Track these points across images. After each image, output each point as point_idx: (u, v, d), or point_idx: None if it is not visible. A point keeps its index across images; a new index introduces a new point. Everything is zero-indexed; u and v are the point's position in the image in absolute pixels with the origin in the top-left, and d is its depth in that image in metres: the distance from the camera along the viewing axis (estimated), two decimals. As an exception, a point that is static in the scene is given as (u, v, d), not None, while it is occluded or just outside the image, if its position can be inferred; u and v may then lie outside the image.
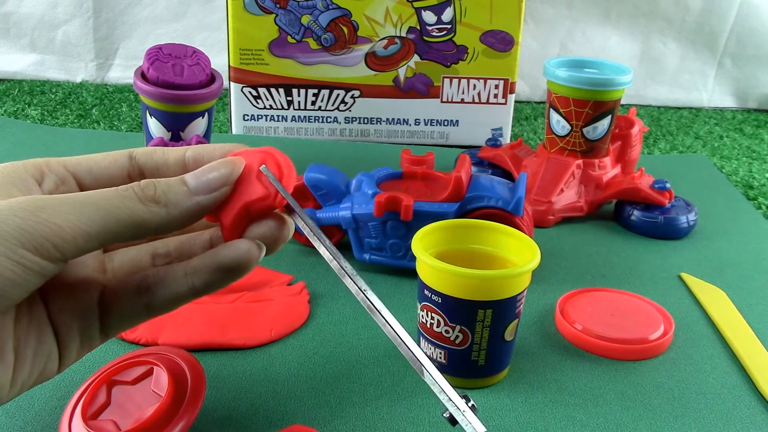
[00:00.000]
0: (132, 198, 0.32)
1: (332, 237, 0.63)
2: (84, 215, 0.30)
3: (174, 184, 0.33)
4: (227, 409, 0.44)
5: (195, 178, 0.34)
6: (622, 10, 1.18)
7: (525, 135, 1.03)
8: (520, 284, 0.45)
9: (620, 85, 0.71)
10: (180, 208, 0.33)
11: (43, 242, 0.29)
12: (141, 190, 0.32)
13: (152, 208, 0.32)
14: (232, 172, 0.34)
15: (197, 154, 0.36)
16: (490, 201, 0.58)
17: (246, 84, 0.91)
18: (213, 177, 0.34)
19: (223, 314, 0.52)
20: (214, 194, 0.34)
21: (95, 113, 1.02)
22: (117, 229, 0.31)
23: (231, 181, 0.34)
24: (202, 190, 0.34)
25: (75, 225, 0.29)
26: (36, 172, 0.34)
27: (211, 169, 0.34)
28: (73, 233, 0.29)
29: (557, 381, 0.48)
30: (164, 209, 0.32)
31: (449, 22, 0.90)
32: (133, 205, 0.31)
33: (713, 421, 0.45)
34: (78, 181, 0.35)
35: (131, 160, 0.36)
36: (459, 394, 0.31)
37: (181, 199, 0.33)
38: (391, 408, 0.45)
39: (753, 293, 0.61)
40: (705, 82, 1.21)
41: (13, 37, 1.15)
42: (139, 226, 0.32)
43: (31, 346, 0.32)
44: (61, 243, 0.29)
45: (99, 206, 0.30)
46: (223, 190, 0.34)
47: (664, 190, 0.71)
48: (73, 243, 0.29)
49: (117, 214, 0.31)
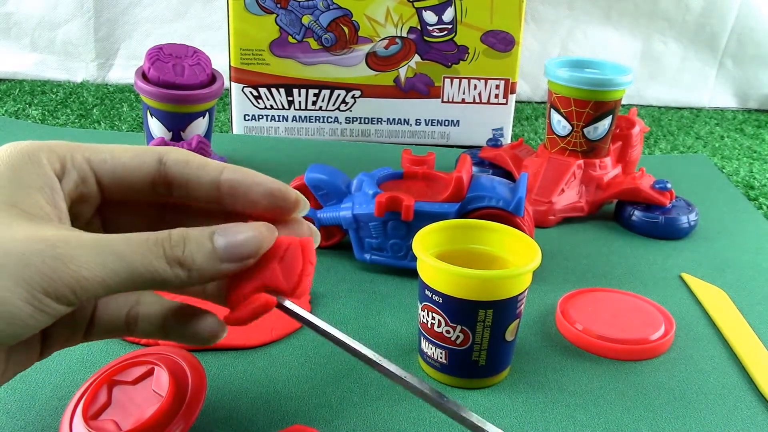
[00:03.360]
0: (159, 257, 0.30)
1: (333, 237, 0.63)
2: (108, 267, 0.29)
3: (203, 244, 0.31)
4: (228, 409, 0.44)
5: (224, 241, 0.32)
6: (623, 10, 1.18)
7: (526, 135, 1.03)
8: (520, 284, 0.45)
9: (621, 85, 0.71)
10: (202, 274, 0.32)
11: (65, 291, 0.28)
12: (170, 248, 0.31)
13: (176, 270, 0.31)
14: (262, 244, 0.33)
15: (235, 182, 0.34)
16: (490, 201, 0.58)
17: (247, 84, 0.91)
18: (243, 246, 0.32)
19: (223, 314, 0.52)
20: (239, 264, 0.32)
21: (96, 113, 1.02)
22: (136, 283, 0.30)
23: (260, 254, 0.33)
24: (229, 258, 0.32)
25: (99, 277, 0.29)
26: (58, 164, 0.33)
27: (242, 233, 0.32)
28: (94, 284, 0.29)
29: (558, 381, 0.48)
30: (187, 273, 0.31)
31: (450, 22, 0.90)
32: (158, 264, 0.30)
33: (714, 421, 0.45)
34: (98, 180, 0.34)
35: (160, 166, 0.34)
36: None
37: (206, 264, 0.31)
38: (392, 408, 0.45)
39: (754, 293, 0.61)
40: (706, 82, 1.21)
41: (14, 37, 1.15)
42: (158, 284, 0.31)
43: (19, 349, 0.33)
44: (81, 291, 0.29)
45: (125, 260, 0.30)
46: (249, 261, 0.33)
47: (665, 191, 0.71)
48: (93, 292, 0.29)
49: (140, 270, 0.30)
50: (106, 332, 0.37)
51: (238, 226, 0.33)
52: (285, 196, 0.35)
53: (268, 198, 0.34)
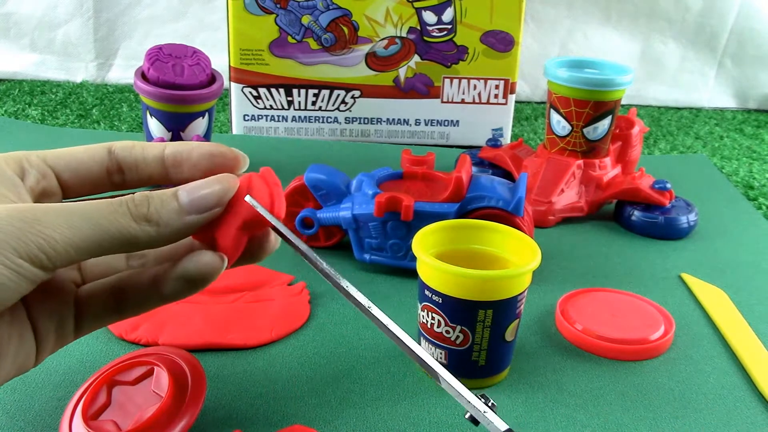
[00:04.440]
0: (125, 214, 0.32)
1: (333, 237, 0.63)
2: (77, 228, 0.30)
3: (167, 201, 0.33)
4: (227, 409, 0.44)
5: (188, 195, 0.33)
6: (623, 11, 1.18)
7: (525, 135, 1.03)
8: (520, 284, 0.45)
9: (620, 85, 0.71)
10: (171, 228, 0.33)
11: (37, 252, 0.29)
12: (135, 207, 0.32)
13: (144, 226, 0.32)
14: (226, 192, 0.34)
15: (176, 153, 0.36)
16: (490, 201, 0.58)
17: (246, 84, 0.91)
18: (206, 196, 0.34)
19: (223, 314, 0.52)
20: (205, 215, 0.34)
21: (95, 113, 1.02)
22: (107, 243, 0.31)
23: (224, 201, 0.34)
24: (194, 209, 0.33)
25: (68, 238, 0.30)
26: (17, 167, 0.35)
27: (205, 186, 0.34)
28: (65, 245, 0.30)
29: (557, 381, 0.48)
30: (155, 228, 0.32)
31: (449, 22, 0.90)
32: (125, 222, 0.32)
33: (713, 421, 0.45)
34: (57, 176, 0.36)
35: (110, 155, 0.36)
36: (477, 395, 0.32)
37: (172, 218, 0.33)
38: (392, 408, 0.45)
39: (753, 293, 0.61)
40: (705, 82, 1.21)
41: (14, 37, 1.15)
42: (129, 243, 0.32)
43: (13, 344, 0.33)
44: (53, 254, 0.30)
45: (92, 220, 0.31)
46: (215, 210, 0.34)
47: (665, 191, 0.71)
48: (65, 254, 0.30)
49: (109, 229, 0.31)
50: (96, 317, 0.37)
51: (199, 182, 0.34)
52: (223, 152, 0.36)
53: (207, 158, 0.36)
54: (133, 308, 0.37)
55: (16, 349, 0.33)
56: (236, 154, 0.37)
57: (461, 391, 0.32)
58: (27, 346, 0.34)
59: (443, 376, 0.33)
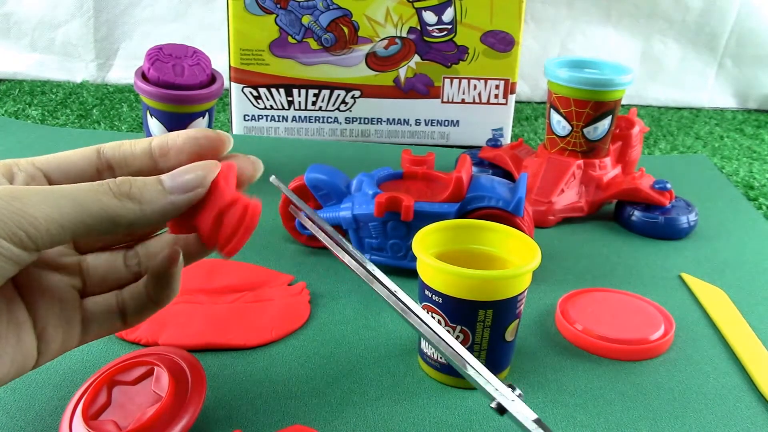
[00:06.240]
0: (107, 192, 0.32)
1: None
2: (58, 206, 0.30)
3: (150, 183, 0.33)
4: (227, 409, 0.44)
5: (171, 178, 0.34)
6: (623, 10, 1.18)
7: (525, 135, 1.03)
8: (520, 284, 0.45)
9: (621, 85, 0.71)
10: (154, 206, 0.33)
11: (16, 231, 0.29)
12: (116, 186, 0.32)
13: (126, 203, 0.32)
14: (207, 174, 0.35)
15: (162, 143, 0.37)
16: (490, 201, 0.58)
17: (246, 84, 0.91)
18: (189, 178, 0.34)
19: (223, 314, 0.52)
20: (189, 195, 0.34)
21: (96, 113, 1.02)
22: (90, 221, 0.31)
23: (207, 183, 0.34)
24: (177, 189, 0.34)
25: (48, 216, 0.30)
26: (6, 171, 0.35)
27: (188, 170, 0.34)
28: (46, 224, 0.30)
29: (557, 381, 0.48)
30: (138, 206, 0.32)
31: (450, 22, 0.90)
32: (107, 200, 0.32)
33: (713, 421, 0.45)
34: (47, 177, 0.36)
35: (99, 155, 0.37)
36: (505, 383, 0.32)
37: (155, 197, 0.33)
38: (392, 408, 0.45)
39: (753, 293, 0.61)
40: (705, 82, 1.21)
41: (14, 38, 1.15)
42: (112, 221, 0.32)
43: (11, 344, 0.33)
44: (34, 232, 0.30)
45: (73, 198, 0.31)
46: (198, 191, 0.34)
47: (665, 191, 0.71)
48: (46, 233, 0.30)
49: (91, 207, 0.31)
50: (100, 325, 0.38)
51: (181, 168, 0.35)
52: (206, 134, 0.37)
53: (191, 142, 0.36)
54: (136, 319, 0.38)
55: (13, 350, 0.33)
56: (220, 135, 0.37)
57: (489, 379, 0.32)
58: (25, 348, 0.34)
59: (471, 363, 0.32)
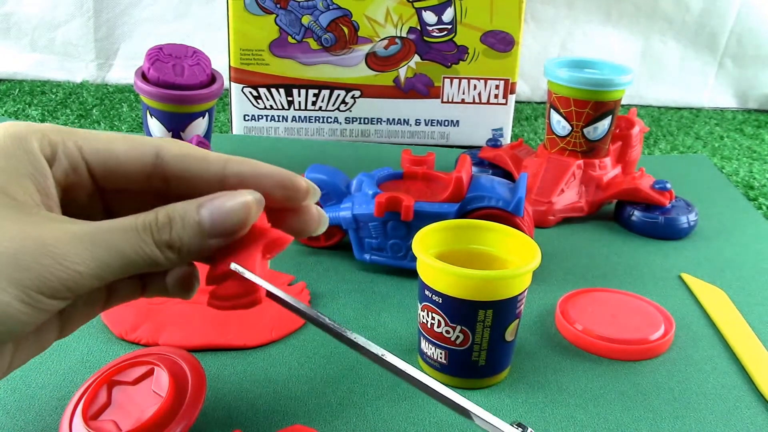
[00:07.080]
0: (148, 243, 0.31)
1: (333, 237, 0.63)
2: (101, 260, 0.30)
3: (189, 225, 0.31)
4: (227, 409, 0.44)
5: (211, 220, 0.32)
6: (623, 10, 1.18)
7: (525, 135, 1.03)
8: (520, 284, 0.45)
9: (620, 85, 0.71)
10: (191, 250, 0.32)
11: (60, 287, 0.29)
12: (158, 233, 0.31)
13: (167, 253, 0.31)
14: (249, 217, 0.32)
15: (240, 175, 0.34)
16: (490, 201, 0.58)
17: (246, 84, 0.91)
18: (232, 223, 0.32)
19: (223, 314, 0.52)
20: (226, 239, 0.32)
21: (96, 113, 1.02)
22: (129, 271, 0.31)
23: (248, 226, 0.33)
24: (217, 233, 0.32)
25: (92, 270, 0.29)
26: (49, 149, 0.32)
27: (231, 212, 0.32)
28: (88, 277, 0.29)
29: (557, 381, 0.48)
30: (177, 255, 0.32)
31: (450, 22, 0.90)
32: (148, 250, 0.31)
33: (713, 421, 0.45)
34: (90, 170, 0.33)
35: (157, 161, 0.33)
36: (514, 424, 0.32)
37: (194, 243, 0.32)
38: (392, 408, 0.45)
39: (753, 293, 0.61)
40: (705, 82, 1.21)
41: (14, 37, 1.15)
42: (149, 267, 0.31)
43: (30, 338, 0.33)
44: (75, 287, 0.29)
45: (117, 249, 0.30)
46: (238, 234, 0.32)
47: (665, 191, 0.71)
48: (87, 286, 0.30)
49: (133, 257, 0.30)
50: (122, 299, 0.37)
51: (224, 206, 0.32)
52: (296, 186, 0.35)
53: (279, 190, 0.34)
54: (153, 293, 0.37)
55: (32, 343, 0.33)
56: (308, 187, 0.35)
57: (499, 426, 0.32)
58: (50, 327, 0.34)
59: (476, 413, 0.32)
